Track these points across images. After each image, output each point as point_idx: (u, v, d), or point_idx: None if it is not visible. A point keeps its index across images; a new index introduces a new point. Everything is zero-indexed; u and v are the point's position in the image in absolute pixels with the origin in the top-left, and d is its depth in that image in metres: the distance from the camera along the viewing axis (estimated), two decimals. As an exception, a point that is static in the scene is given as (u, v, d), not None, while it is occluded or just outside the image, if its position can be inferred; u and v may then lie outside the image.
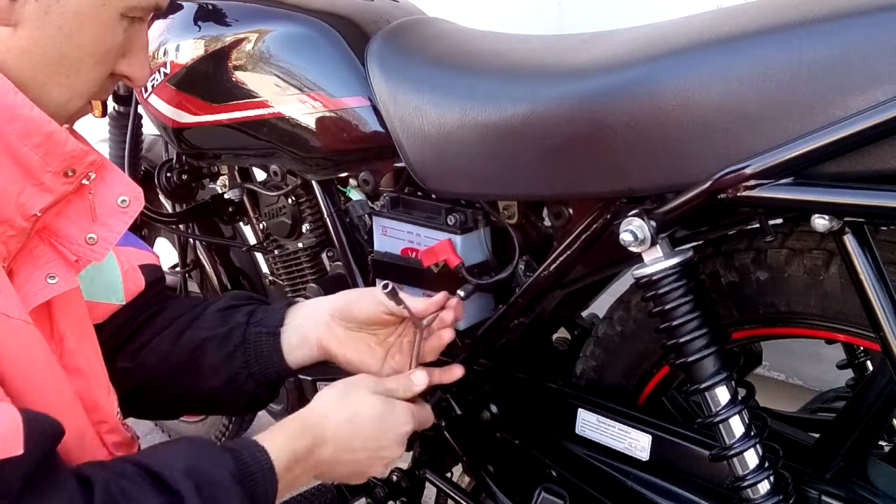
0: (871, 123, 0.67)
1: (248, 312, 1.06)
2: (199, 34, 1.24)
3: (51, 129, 0.76)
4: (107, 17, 0.77)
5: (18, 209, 0.77)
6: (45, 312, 0.84)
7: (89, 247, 0.84)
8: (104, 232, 0.84)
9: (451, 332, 1.03)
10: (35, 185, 0.77)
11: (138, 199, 0.87)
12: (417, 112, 1.02)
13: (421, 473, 1.27)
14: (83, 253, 0.84)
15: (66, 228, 0.83)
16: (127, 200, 0.86)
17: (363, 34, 1.14)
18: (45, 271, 0.81)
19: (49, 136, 0.76)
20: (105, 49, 0.79)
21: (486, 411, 1.19)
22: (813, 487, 0.89)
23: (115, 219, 0.85)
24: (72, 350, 0.87)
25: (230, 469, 0.79)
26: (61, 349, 0.86)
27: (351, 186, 1.26)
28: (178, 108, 1.31)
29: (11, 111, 0.74)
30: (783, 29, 0.73)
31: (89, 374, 0.88)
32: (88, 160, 0.80)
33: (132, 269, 1.06)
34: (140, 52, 0.84)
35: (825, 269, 0.86)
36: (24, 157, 0.75)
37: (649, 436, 1.01)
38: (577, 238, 0.97)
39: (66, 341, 0.86)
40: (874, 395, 0.88)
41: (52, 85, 0.77)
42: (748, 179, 0.74)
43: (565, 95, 0.88)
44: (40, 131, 0.75)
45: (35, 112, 0.75)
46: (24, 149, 0.75)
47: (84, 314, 0.92)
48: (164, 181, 1.54)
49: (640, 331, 1.04)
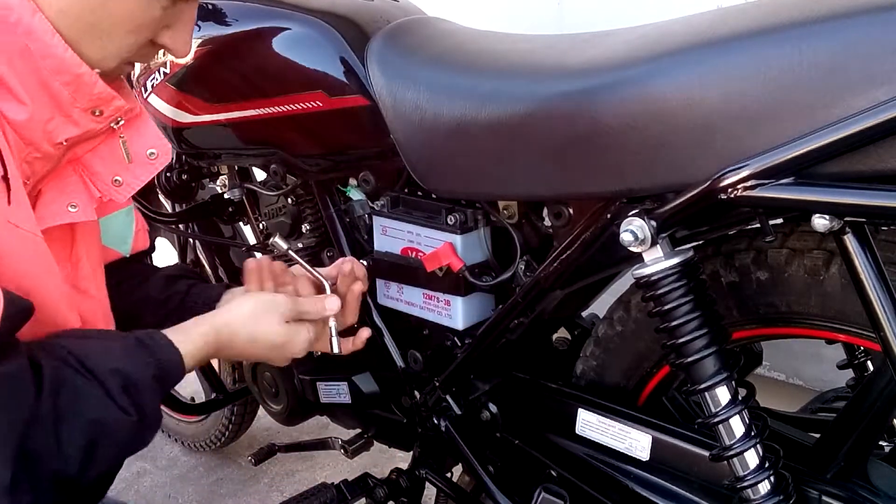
0: (871, 123, 0.67)
1: (189, 284, 1.14)
2: (199, 34, 1.24)
3: (80, 70, 0.83)
4: None
5: (45, 135, 0.85)
6: (70, 234, 0.94)
7: (114, 187, 0.94)
8: (129, 177, 0.95)
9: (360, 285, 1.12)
10: (64, 117, 0.85)
11: (166, 153, 0.96)
12: (417, 112, 1.02)
13: (421, 473, 1.27)
14: (108, 191, 0.94)
15: (96, 166, 0.93)
16: (155, 153, 0.95)
17: (363, 34, 1.14)
18: (70, 199, 0.91)
19: (78, 77, 0.84)
20: (138, 22, 0.85)
21: (486, 411, 1.19)
22: (813, 487, 0.89)
23: (142, 167, 0.95)
24: (85, 274, 0.96)
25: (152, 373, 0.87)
26: (76, 271, 0.96)
27: (351, 186, 1.26)
28: (178, 108, 1.31)
29: (46, 49, 0.82)
30: (783, 29, 0.73)
31: (97, 299, 0.99)
32: (116, 104, 0.88)
33: (143, 230, 1.15)
34: (185, 27, 0.91)
35: (825, 269, 0.86)
36: (55, 91, 0.84)
37: (649, 436, 1.01)
38: (577, 238, 0.97)
39: (81, 265, 0.96)
40: (874, 396, 0.88)
41: (85, 43, 0.84)
42: (748, 179, 0.74)
43: (565, 95, 0.88)
44: (70, 71, 0.83)
45: (68, 54, 0.82)
46: (55, 83, 0.83)
47: (100, 249, 1.02)
48: (164, 181, 1.54)
49: (640, 331, 1.04)
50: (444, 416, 1.20)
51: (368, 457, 1.68)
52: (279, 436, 2.08)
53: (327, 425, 1.88)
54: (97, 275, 1.00)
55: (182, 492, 2.00)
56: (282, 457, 1.89)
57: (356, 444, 1.43)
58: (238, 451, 2.11)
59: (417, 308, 1.20)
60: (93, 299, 0.98)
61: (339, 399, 1.31)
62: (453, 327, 1.16)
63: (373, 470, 1.35)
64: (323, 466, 2.01)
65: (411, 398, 1.26)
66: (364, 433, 1.41)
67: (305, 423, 1.54)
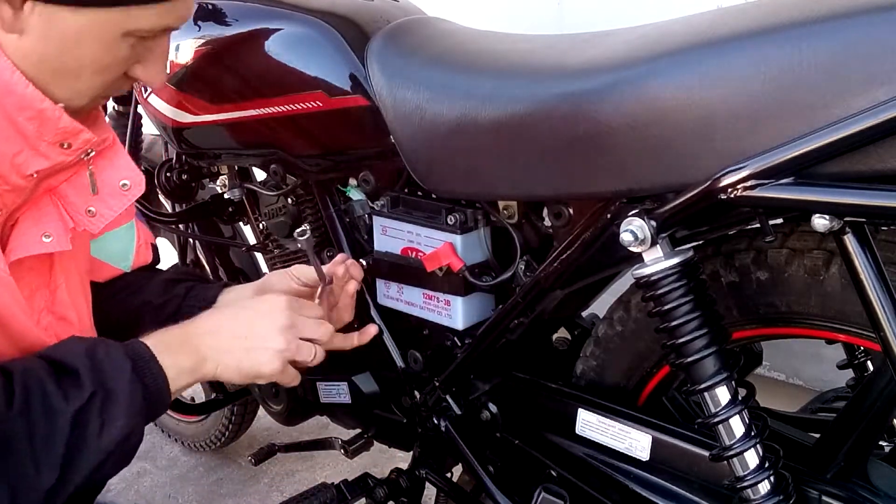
0: (871, 123, 0.67)
1: (187, 287, 1.14)
2: (199, 34, 1.24)
3: (42, 106, 0.84)
4: (107, 36, 0.83)
5: (14, 168, 0.86)
6: (48, 262, 0.95)
7: (88, 217, 0.94)
8: (103, 208, 0.95)
9: (354, 284, 1.12)
10: (32, 150, 0.86)
11: (139, 184, 0.97)
12: (417, 112, 1.02)
13: (421, 473, 1.27)
14: (82, 221, 0.94)
15: (71, 196, 0.94)
16: (128, 184, 0.96)
17: (363, 34, 1.13)
18: (44, 229, 0.91)
19: (41, 112, 0.84)
20: (105, 63, 0.85)
21: (486, 411, 1.19)
22: (813, 487, 0.89)
23: (115, 199, 0.95)
24: (64, 301, 0.96)
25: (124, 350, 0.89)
26: (54, 297, 0.96)
27: (351, 186, 1.26)
28: (178, 108, 1.31)
29: (8, 87, 0.82)
30: (783, 29, 0.73)
31: (76, 325, 0.98)
32: (84, 137, 0.88)
33: (145, 244, 1.17)
34: (157, 60, 0.90)
35: (825, 269, 0.86)
36: (20, 126, 0.84)
37: (649, 436, 1.01)
38: (577, 238, 0.97)
39: (59, 292, 0.96)
40: (874, 396, 0.88)
41: (54, 83, 0.84)
42: (748, 179, 0.74)
43: (565, 95, 0.88)
44: (32, 107, 0.83)
45: (29, 90, 0.83)
46: (19, 119, 0.84)
47: (84, 272, 1.02)
48: (164, 181, 1.54)
49: (640, 331, 1.04)
50: (444, 416, 1.20)
51: (368, 457, 1.68)
52: (279, 436, 2.08)
53: (327, 425, 1.88)
54: (78, 300, 1.00)
55: (182, 492, 2.00)
56: (282, 457, 1.89)
57: (356, 444, 1.43)
58: (238, 451, 2.11)
59: (417, 308, 1.20)
60: (72, 325, 0.98)
61: (339, 399, 1.31)
62: (453, 327, 1.16)
63: (373, 470, 1.35)
64: (323, 466, 2.01)
65: (411, 398, 1.26)
66: (364, 433, 1.41)
67: (305, 423, 1.54)
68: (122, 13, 0.81)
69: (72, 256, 0.97)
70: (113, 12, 0.81)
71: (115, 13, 0.81)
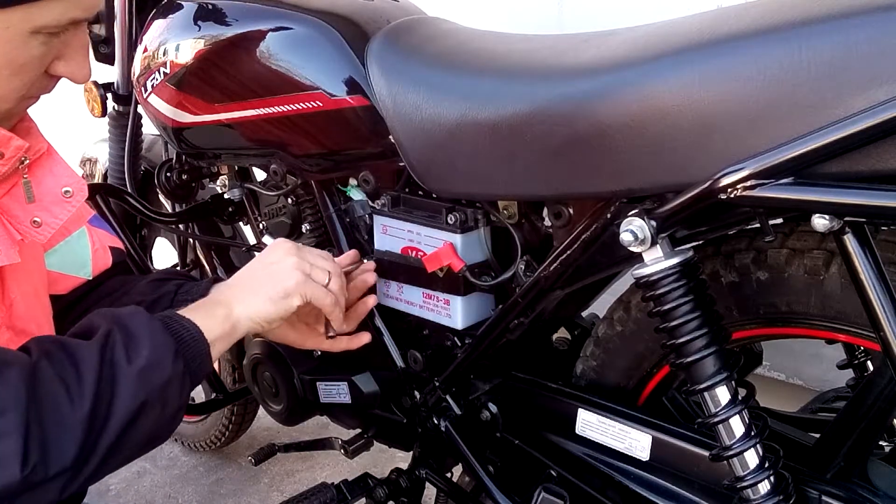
0: (871, 123, 0.67)
1: (177, 284, 1.15)
2: (198, 34, 1.24)
3: None
4: (13, 36, 0.81)
5: None
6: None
7: (34, 228, 0.93)
8: (48, 217, 0.93)
9: (373, 298, 1.17)
10: None
11: (81, 191, 0.95)
12: (417, 111, 1.02)
13: (421, 473, 1.27)
14: (28, 233, 0.92)
15: (14, 209, 0.92)
16: (70, 191, 0.94)
17: (363, 34, 1.13)
18: None
19: None
20: (20, 63, 0.83)
21: (486, 411, 1.19)
22: (813, 487, 0.89)
23: (59, 207, 0.94)
24: (21, 314, 0.95)
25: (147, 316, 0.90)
26: (11, 312, 0.95)
27: (351, 186, 1.26)
28: (178, 108, 1.31)
29: None
30: (783, 29, 0.73)
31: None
32: (15, 145, 0.87)
33: (102, 248, 1.15)
34: (76, 54, 0.88)
35: (825, 269, 0.86)
36: None
37: (649, 436, 1.01)
38: (577, 238, 0.97)
39: (15, 305, 0.95)
40: (874, 395, 0.88)
41: None
42: (748, 179, 0.74)
43: (565, 95, 0.88)
44: None
45: None
46: None
47: (40, 284, 1.01)
48: (164, 181, 1.54)
49: (640, 331, 1.04)
50: (444, 416, 1.20)
51: (368, 457, 1.68)
52: (279, 436, 2.08)
53: (327, 425, 1.88)
54: (37, 312, 0.99)
55: (182, 492, 2.00)
56: (282, 457, 1.89)
57: (356, 444, 1.42)
58: (238, 451, 2.11)
59: (417, 308, 1.20)
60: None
61: (339, 399, 1.31)
62: (453, 327, 1.16)
63: (373, 470, 1.35)
64: (323, 466, 2.01)
65: (411, 398, 1.26)
66: (364, 433, 1.41)
67: (305, 423, 1.53)
68: (24, 11, 0.80)
69: (24, 269, 0.96)
70: (13, 11, 0.80)
71: (16, 12, 0.80)
